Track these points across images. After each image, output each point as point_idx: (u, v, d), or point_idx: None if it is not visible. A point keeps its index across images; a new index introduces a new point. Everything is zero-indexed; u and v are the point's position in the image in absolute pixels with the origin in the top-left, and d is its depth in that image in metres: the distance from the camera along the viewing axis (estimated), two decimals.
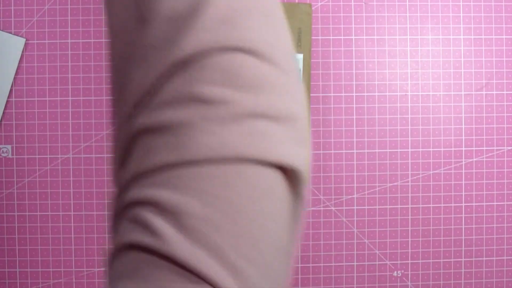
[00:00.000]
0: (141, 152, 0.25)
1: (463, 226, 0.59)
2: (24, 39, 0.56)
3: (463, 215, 0.59)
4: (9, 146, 0.57)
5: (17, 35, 0.57)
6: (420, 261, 0.59)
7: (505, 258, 0.59)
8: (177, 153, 0.24)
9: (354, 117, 0.58)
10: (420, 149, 0.59)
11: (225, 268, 0.23)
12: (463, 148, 0.59)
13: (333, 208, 0.58)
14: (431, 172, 0.59)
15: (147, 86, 0.26)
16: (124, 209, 0.25)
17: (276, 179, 0.26)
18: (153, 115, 0.25)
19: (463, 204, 0.59)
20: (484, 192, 0.59)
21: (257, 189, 0.25)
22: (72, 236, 0.57)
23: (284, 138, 0.26)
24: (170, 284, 0.23)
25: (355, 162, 0.58)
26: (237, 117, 0.25)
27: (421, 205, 0.59)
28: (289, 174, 0.27)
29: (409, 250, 0.59)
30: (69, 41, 0.57)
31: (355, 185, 0.58)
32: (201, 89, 0.24)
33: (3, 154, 0.57)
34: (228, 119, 0.24)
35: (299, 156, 0.26)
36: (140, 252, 0.24)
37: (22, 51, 0.57)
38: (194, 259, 0.23)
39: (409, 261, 0.59)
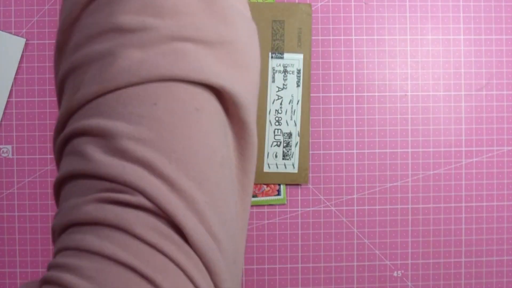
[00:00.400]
0: (71, 89, 0.26)
1: (463, 226, 0.59)
2: (24, 39, 0.56)
3: (463, 215, 0.59)
4: (9, 146, 0.57)
5: (17, 35, 0.57)
6: (420, 261, 0.59)
7: (505, 258, 0.59)
8: (101, 81, 0.24)
9: (354, 117, 0.58)
10: (420, 149, 0.59)
11: (159, 180, 0.23)
12: (463, 148, 0.59)
13: (333, 208, 0.58)
14: (431, 172, 0.59)
15: (73, 19, 0.26)
16: (63, 146, 0.26)
17: (204, 97, 0.25)
18: (79, 52, 0.25)
19: (463, 204, 0.59)
20: (484, 192, 0.59)
21: (185, 105, 0.24)
22: None
23: (212, 60, 0.25)
24: (92, 197, 0.23)
25: (355, 162, 0.58)
26: (158, 41, 0.24)
27: (421, 205, 0.59)
28: (223, 96, 0.26)
29: (409, 250, 0.59)
30: None
31: (355, 185, 0.59)
32: (121, 19, 0.24)
33: (3, 154, 0.57)
34: (148, 44, 0.24)
35: (232, 78, 0.26)
36: (73, 180, 0.24)
37: (22, 52, 0.57)
38: (118, 171, 0.23)
39: (409, 261, 0.59)
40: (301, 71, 0.56)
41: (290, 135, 0.57)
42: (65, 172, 0.24)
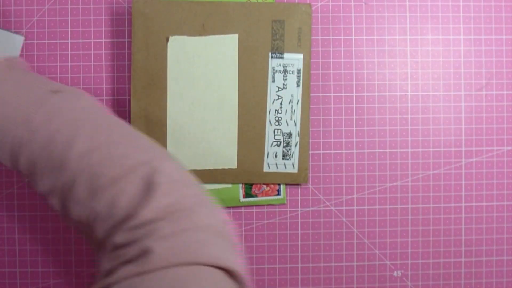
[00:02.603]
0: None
1: (463, 226, 0.59)
2: (23, 37, 0.56)
3: (463, 215, 0.59)
4: None
5: (16, 33, 0.57)
6: (420, 261, 0.59)
7: (505, 258, 0.59)
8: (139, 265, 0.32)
9: (354, 117, 0.58)
10: (420, 149, 0.59)
11: None
12: (463, 148, 0.59)
13: (333, 208, 0.58)
14: (431, 172, 0.59)
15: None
16: None
17: (222, 277, 0.33)
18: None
19: (463, 204, 0.59)
20: (484, 192, 0.59)
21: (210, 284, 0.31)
22: (72, 236, 0.57)
23: (223, 246, 0.34)
24: None
25: (355, 162, 0.58)
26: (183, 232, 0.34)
27: (421, 205, 0.59)
28: (231, 274, 0.34)
29: (409, 250, 0.59)
30: (69, 41, 0.57)
31: (355, 185, 0.59)
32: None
33: None
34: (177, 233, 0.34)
35: (236, 261, 0.34)
36: None
37: (22, 50, 0.57)
38: None
39: (409, 261, 0.59)
40: (301, 71, 0.56)
41: (290, 135, 0.57)
42: None
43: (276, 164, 0.57)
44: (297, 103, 0.56)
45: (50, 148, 0.37)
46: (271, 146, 0.56)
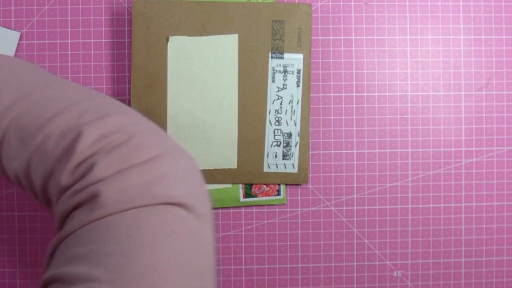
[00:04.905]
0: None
1: (463, 226, 0.59)
2: (19, 33, 0.56)
3: (463, 215, 0.59)
4: None
5: (11, 29, 0.56)
6: (420, 261, 0.59)
7: (505, 258, 0.59)
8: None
9: (354, 117, 0.58)
10: (420, 149, 0.59)
11: None
12: (463, 148, 0.59)
13: (333, 208, 0.58)
14: (431, 172, 0.59)
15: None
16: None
17: (176, 214, 0.32)
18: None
19: (463, 204, 0.59)
20: (484, 192, 0.59)
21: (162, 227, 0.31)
22: None
23: (174, 180, 0.33)
24: None
25: (355, 162, 0.58)
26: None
27: (421, 205, 0.59)
28: (187, 208, 0.33)
29: (409, 250, 0.59)
30: (69, 41, 0.57)
31: (355, 185, 0.58)
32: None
33: None
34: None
35: (190, 193, 0.34)
36: None
37: (22, 50, 0.57)
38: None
39: (409, 261, 0.59)
40: (301, 71, 0.56)
41: (290, 135, 0.57)
42: None
43: (276, 164, 0.57)
44: (297, 103, 0.56)
45: None
46: (271, 146, 0.57)
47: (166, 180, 0.32)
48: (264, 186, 0.57)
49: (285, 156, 0.57)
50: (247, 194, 0.57)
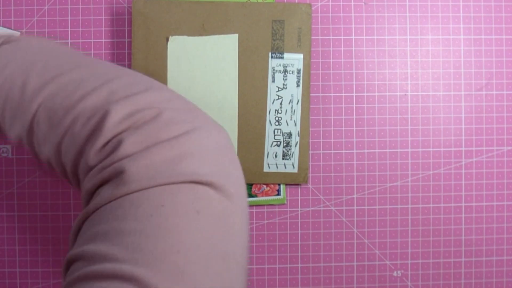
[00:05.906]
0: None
1: (463, 226, 0.59)
2: (19, 33, 0.56)
3: (463, 215, 0.59)
4: (9, 146, 0.57)
5: (11, 29, 0.57)
6: (420, 261, 0.59)
7: (505, 258, 0.59)
8: None
9: (354, 117, 0.58)
10: (420, 149, 0.59)
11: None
12: (463, 148, 0.59)
13: (333, 208, 0.58)
14: (431, 172, 0.59)
15: None
16: (67, 266, 0.31)
17: (203, 193, 0.31)
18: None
19: (463, 204, 0.59)
20: (484, 192, 0.59)
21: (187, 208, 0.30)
22: None
23: (202, 158, 0.32)
24: None
25: (355, 162, 0.58)
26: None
27: (421, 205, 0.59)
28: (215, 187, 0.32)
29: (409, 250, 0.59)
30: (69, 41, 0.57)
31: (355, 185, 0.59)
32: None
33: (3, 154, 0.57)
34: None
35: (219, 172, 0.32)
36: None
37: None
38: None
39: (409, 261, 0.59)
40: (301, 71, 0.56)
41: (290, 135, 0.57)
42: None
43: (276, 164, 0.57)
44: (297, 103, 0.56)
45: (10, 96, 0.36)
46: (271, 146, 0.57)
47: (193, 157, 0.31)
48: (264, 186, 0.57)
49: (285, 156, 0.57)
50: (247, 194, 0.57)
